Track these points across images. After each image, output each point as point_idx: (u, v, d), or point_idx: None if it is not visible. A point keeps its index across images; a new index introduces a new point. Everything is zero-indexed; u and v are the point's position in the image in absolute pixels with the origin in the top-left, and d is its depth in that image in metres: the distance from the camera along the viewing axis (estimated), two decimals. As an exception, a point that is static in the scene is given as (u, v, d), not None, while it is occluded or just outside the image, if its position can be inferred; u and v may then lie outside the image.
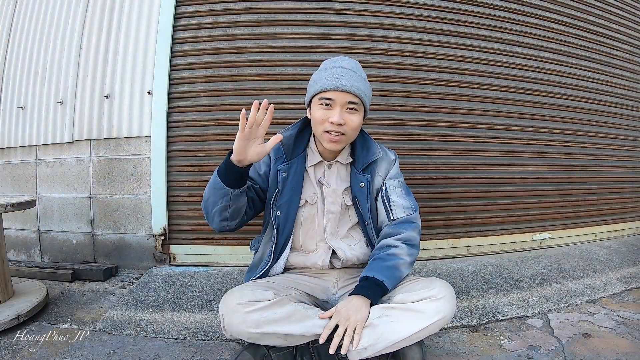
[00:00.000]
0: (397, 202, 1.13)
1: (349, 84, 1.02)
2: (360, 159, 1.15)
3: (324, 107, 1.05)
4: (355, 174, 1.14)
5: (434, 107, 2.09)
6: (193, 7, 2.02)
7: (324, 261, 1.15)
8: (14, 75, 2.29)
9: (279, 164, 1.13)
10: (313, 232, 1.16)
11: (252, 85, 1.99)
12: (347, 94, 1.03)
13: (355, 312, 0.98)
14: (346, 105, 1.04)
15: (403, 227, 1.10)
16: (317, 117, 1.06)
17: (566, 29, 2.38)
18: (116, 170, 2.06)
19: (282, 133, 1.13)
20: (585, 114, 2.43)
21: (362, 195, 1.13)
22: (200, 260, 2.00)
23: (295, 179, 1.13)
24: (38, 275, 1.95)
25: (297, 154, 1.15)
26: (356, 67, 1.09)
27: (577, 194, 2.42)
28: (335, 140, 1.06)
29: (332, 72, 1.05)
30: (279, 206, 1.12)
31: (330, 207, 1.14)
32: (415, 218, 1.13)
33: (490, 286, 1.71)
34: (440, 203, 2.09)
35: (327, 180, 1.15)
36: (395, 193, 1.14)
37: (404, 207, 1.12)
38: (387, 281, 1.02)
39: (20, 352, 1.24)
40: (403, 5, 2.07)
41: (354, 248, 1.17)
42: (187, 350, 1.27)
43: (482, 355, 1.22)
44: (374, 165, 1.16)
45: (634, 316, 1.47)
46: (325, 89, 1.03)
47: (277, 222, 1.12)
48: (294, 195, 1.12)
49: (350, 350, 1.00)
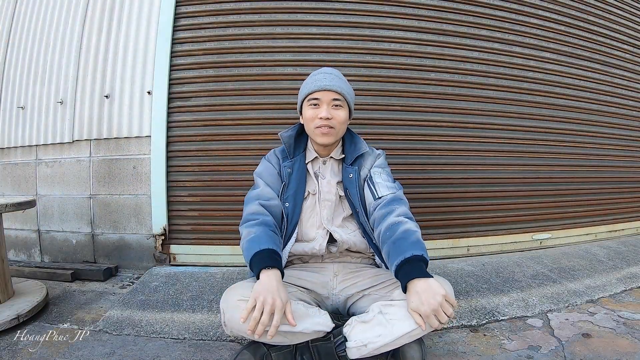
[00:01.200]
0: (381, 183, 1.21)
1: (331, 84, 1.18)
2: (349, 154, 1.26)
3: (312, 107, 1.20)
4: (345, 167, 1.25)
5: (434, 107, 2.09)
6: (193, 7, 2.02)
7: (321, 245, 1.21)
8: (14, 75, 2.29)
9: (285, 162, 1.27)
10: (313, 220, 1.24)
11: (252, 85, 1.99)
12: (331, 92, 1.18)
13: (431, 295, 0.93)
14: (332, 102, 1.19)
15: (394, 204, 1.14)
16: (308, 116, 1.21)
17: (566, 29, 2.38)
18: (116, 170, 2.06)
19: (281, 134, 1.27)
20: (585, 114, 2.43)
21: (352, 185, 1.23)
22: (200, 260, 2.00)
23: (299, 173, 1.25)
24: (38, 275, 1.95)
25: (299, 152, 1.29)
26: (337, 72, 1.25)
27: (577, 194, 2.42)
28: (326, 133, 1.19)
29: (316, 77, 1.22)
30: (286, 198, 1.22)
31: (326, 196, 1.25)
32: (401, 195, 1.20)
33: (490, 286, 1.71)
34: (440, 203, 2.09)
35: (322, 173, 1.28)
36: (379, 177, 1.23)
37: (388, 186, 1.20)
38: (425, 254, 1.01)
39: (20, 352, 1.24)
40: (403, 5, 2.07)
41: (350, 234, 1.24)
42: (187, 350, 1.27)
43: (482, 355, 1.22)
44: (360, 159, 1.27)
45: (634, 316, 1.47)
46: (312, 90, 1.19)
47: (287, 212, 1.21)
48: (299, 187, 1.23)
49: (350, 348, 1.00)
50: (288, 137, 1.27)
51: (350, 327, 1.04)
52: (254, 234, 1.06)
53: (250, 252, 1.02)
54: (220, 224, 1.98)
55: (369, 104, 2.02)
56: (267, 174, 1.26)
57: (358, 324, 1.04)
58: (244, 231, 1.12)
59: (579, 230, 2.43)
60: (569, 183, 2.38)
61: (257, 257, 1.00)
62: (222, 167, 1.98)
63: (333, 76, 1.22)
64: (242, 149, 1.97)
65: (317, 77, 1.22)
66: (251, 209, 1.16)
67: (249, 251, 1.02)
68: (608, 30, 2.53)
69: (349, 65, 2.01)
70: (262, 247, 1.01)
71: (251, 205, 1.17)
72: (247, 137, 1.98)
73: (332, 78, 1.20)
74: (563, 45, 2.36)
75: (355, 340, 1.01)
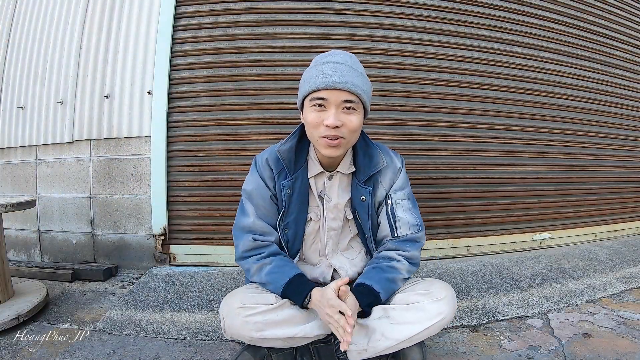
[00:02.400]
0: (402, 219, 1.04)
1: (342, 80, 0.89)
2: (362, 169, 1.04)
3: (317, 108, 0.92)
4: (357, 185, 1.04)
5: (434, 107, 2.09)
6: (193, 7, 2.02)
7: (325, 279, 1.12)
8: (14, 75, 2.29)
9: (282, 179, 1.04)
10: (316, 246, 1.12)
11: (252, 85, 1.99)
12: (342, 91, 0.90)
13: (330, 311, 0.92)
14: (342, 105, 0.91)
15: (408, 246, 1.05)
16: (311, 121, 0.94)
17: (566, 29, 2.37)
18: (116, 170, 2.06)
19: (278, 148, 1.04)
20: (585, 114, 2.43)
21: (363, 209, 1.05)
22: (200, 260, 2.00)
23: (301, 194, 1.05)
24: (38, 275, 1.95)
25: (300, 165, 1.05)
26: (351, 60, 0.95)
27: (577, 194, 2.42)
28: (334, 145, 0.94)
29: (324, 68, 0.91)
30: (286, 224, 1.06)
31: (331, 224, 1.08)
32: (421, 237, 1.07)
33: (490, 286, 1.71)
34: (440, 203, 2.09)
35: (328, 195, 1.07)
36: (401, 207, 1.05)
37: (410, 224, 1.05)
38: (383, 293, 0.99)
39: (20, 352, 1.24)
40: (403, 5, 2.07)
41: (355, 262, 1.13)
42: (187, 350, 1.27)
43: (482, 355, 1.22)
44: (377, 175, 1.06)
45: (634, 316, 1.47)
46: (317, 87, 0.90)
47: (287, 239, 1.08)
48: (300, 212, 1.06)
49: (351, 351, 0.99)
50: (288, 151, 1.03)
51: None
52: (270, 266, 1.01)
53: (278, 284, 0.98)
54: (220, 224, 1.98)
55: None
56: (258, 197, 1.05)
57: (359, 328, 1.03)
58: (252, 267, 1.03)
59: (579, 230, 2.43)
60: (569, 183, 2.38)
61: (291, 288, 0.97)
62: (222, 167, 1.98)
63: (346, 68, 0.91)
64: (242, 149, 1.97)
65: (325, 67, 0.91)
66: (246, 246, 1.03)
67: (275, 284, 0.99)
68: (608, 30, 2.53)
69: (349, 65, 2.01)
70: (291, 275, 0.98)
71: (245, 241, 1.04)
72: (247, 137, 1.98)
73: (345, 71, 0.91)
74: (563, 45, 2.36)
75: (356, 343, 1.00)
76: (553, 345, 1.27)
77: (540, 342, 1.29)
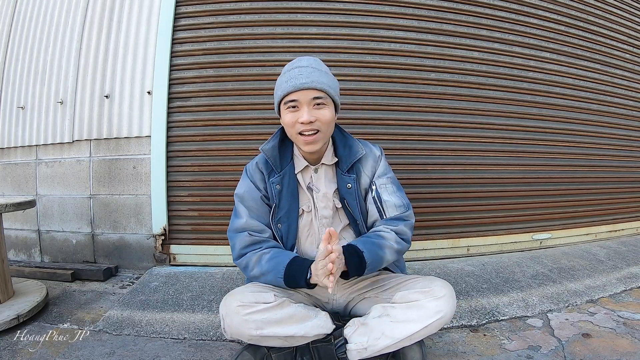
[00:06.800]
0: (389, 202, 1.11)
1: (309, 80, 1.01)
2: (343, 158, 1.12)
3: (291, 109, 1.04)
4: (341, 175, 1.12)
5: (434, 107, 2.09)
6: (193, 7, 2.02)
7: None
8: (14, 75, 2.29)
9: (272, 177, 1.12)
10: (312, 238, 1.15)
11: (252, 85, 1.99)
12: (310, 90, 1.01)
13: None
14: (312, 102, 1.03)
15: (396, 222, 1.10)
16: (288, 122, 1.05)
17: (566, 29, 2.37)
18: (116, 170, 2.06)
19: (263, 148, 1.13)
20: (585, 114, 2.43)
21: (350, 196, 1.11)
22: (200, 260, 2.00)
23: (290, 189, 1.12)
24: (38, 275, 1.95)
25: (286, 163, 1.14)
26: (315, 63, 1.07)
27: (577, 194, 2.42)
28: (311, 141, 1.05)
29: (291, 73, 1.04)
30: (279, 219, 1.11)
31: (322, 212, 1.13)
32: (409, 216, 1.12)
33: (490, 286, 1.71)
34: (440, 203, 2.09)
35: (316, 185, 1.14)
36: (386, 191, 1.12)
37: (397, 205, 1.10)
38: (366, 253, 1.00)
39: (20, 352, 1.24)
40: (403, 5, 2.07)
41: None
42: (187, 350, 1.27)
43: (482, 355, 1.22)
44: (358, 164, 1.14)
45: (634, 316, 1.47)
46: (288, 91, 1.02)
47: (280, 234, 1.12)
48: (292, 206, 1.11)
49: (350, 350, 1.00)
50: (271, 149, 1.12)
51: (351, 329, 1.04)
52: (269, 254, 1.05)
53: (280, 266, 1.01)
54: (220, 223, 1.98)
55: (369, 104, 2.02)
56: (249, 199, 1.12)
57: (359, 326, 1.03)
58: (251, 260, 1.06)
59: (579, 230, 2.43)
60: (569, 183, 2.38)
61: (294, 268, 1.00)
62: (222, 167, 1.98)
63: (310, 69, 1.03)
64: (242, 149, 1.97)
65: (292, 73, 1.04)
66: (243, 242, 1.08)
67: (277, 267, 1.02)
68: (608, 30, 2.53)
69: (349, 65, 2.01)
70: (291, 256, 1.02)
71: (241, 237, 1.08)
72: (247, 137, 1.98)
73: (310, 72, 1.02)
74: (563, 45, 2.36)
75: (355, 342, 1.01)
76: (553, 345, 1.27)
77: (540, 342, 1.29)
